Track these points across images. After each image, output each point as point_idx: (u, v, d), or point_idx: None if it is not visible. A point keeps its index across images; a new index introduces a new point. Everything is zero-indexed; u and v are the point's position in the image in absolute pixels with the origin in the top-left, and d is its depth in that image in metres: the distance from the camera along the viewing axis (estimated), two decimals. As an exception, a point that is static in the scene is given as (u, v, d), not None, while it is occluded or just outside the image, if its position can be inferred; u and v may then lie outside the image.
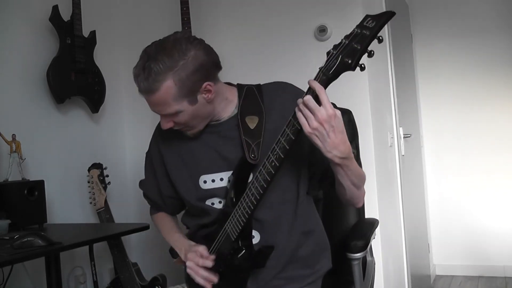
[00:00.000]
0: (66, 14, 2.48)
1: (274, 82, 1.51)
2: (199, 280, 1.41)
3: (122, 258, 2.48)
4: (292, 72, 2.65)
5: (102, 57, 2.74)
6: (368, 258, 1.81)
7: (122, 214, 2.89)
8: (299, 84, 2.69)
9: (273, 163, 1.23)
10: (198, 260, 1.41)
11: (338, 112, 1.17)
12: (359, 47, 1.06)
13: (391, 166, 2.98)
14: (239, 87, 1.49)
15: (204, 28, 2.80)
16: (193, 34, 2.74)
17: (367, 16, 1.10)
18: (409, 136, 3.36)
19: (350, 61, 1.08)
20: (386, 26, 3.15)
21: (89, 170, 2.53)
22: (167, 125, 1.38)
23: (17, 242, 1.57)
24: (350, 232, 1.69)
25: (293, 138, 1.20)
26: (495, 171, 3.91)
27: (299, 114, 1.17)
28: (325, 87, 1.15)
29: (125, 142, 3.05)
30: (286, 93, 1.45)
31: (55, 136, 2.54)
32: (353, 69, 1.09)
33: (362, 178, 1.37)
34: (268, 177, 1.25)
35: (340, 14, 2.58)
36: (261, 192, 1.28)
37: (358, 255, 1.58)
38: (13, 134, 2.14)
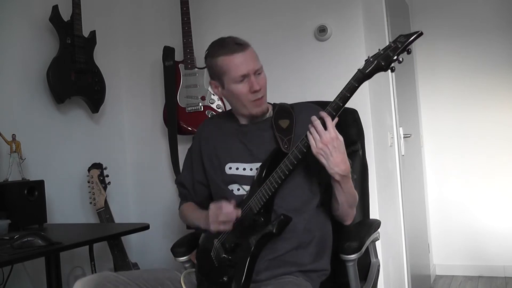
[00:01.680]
0: (66, 14, 2.48)
1: (303, 102, 1.81)
2: (222, 218, 1.51)
3: (122, 258, 2.48)
4: (292, 72, 2.66)
5: (102, 57, 2.74)
6: (372, 260, 1.80)
7: (122, 214, 2.89)
8: (299, 83, 2.70)
9: (306, 144, 1.46)
10: (219, 204, 1.54)
11: (340, 136, 1.45)
12: (391, 54, 1.37)
13: (391, 166, 2.98)
14: (273, 104, 1.75)
15: (204, 28, 2.81)
16: (193, 34, 2.77)
17: (400, 35, 1.39)
18: (409, 136, 3.36)
19: (383, 63, 1.38)
20: (386, 26, 3.17)
21: (89, 170, 2.53)
22: (257, 85, 1.58)
23: (17, 242, 1.58)
24: (346, 233, 1.69)
25: (305, 150, 1.47)
26: (495, 171, 3.91)
27: (309, 137, 1.45)
28: (360, 84, 1.40)
29: (125, 142, 3.05)
30: (313, 109, 1.64)
31: (55, 136, 2.54)
32: (385, 70, 1.39)
33: (355, 199, 1.61)
34: (299, 155, 1.46)
35: (340, 14, 2.58)
36: (291, 168, 1.47)
37: (352, 256, 1.56)
38: (13, 134, 2.14)
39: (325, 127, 1.43)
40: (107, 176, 2.55)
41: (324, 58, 2.62)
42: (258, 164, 1.60)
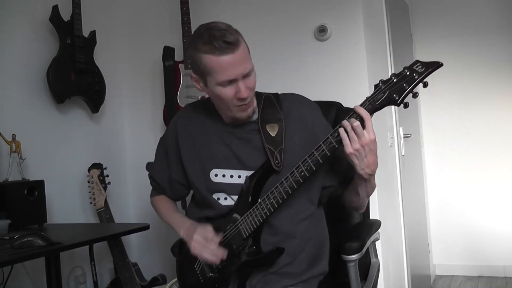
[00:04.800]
0: (66, 14, 2.48)
1: (291, 93, 1.61)
2: (207, 255, 1.45)
3: (122, 258, 2.48)
4: (292, 72, 2.66)
5: (102, 57, 2.74)
6: (372, 260, 1.80)
7: (122, 214, 2.89)
8: (298, 82, 2.69)
9: (302, 173, 1.36)
10: (208, 234, 1.46)
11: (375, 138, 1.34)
12: (407, 87, 1.24)
13: (391, 166, 2.98)
14: (257, 94, 1.54)
15: (204, 28, 2.80)
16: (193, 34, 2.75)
17: (417, 61, 1.25)
18: (409, 136, 3.36)
19: (397, 98, 1.26)
20: (386, 26, 3.16)
21: (89, 170, 2.53)
22: (245, 92, 1.39)
23: (17, 242, 1.58)
24: (347, 233, 1.69)
25: (328, 154, 1.34)
26: (495, 171, 3.91)
27: (343, 136, 1.32)
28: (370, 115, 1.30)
29: (125, 142, 3.05)
30: (303, 105, 1.56)
31: (55, 136, 2.54)
32: (398, 105, 1.27)
33: (374, 189, 1.55)
34: (295, 185, 1.37)
35: (340, 14, 2.58)
36: (285, 197, 1.38)
37: (353, 257, 1.56)
38: (13, 134, 2.14)
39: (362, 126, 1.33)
40: (107, 176, 2.55)
41: (324, 58, 2.61)
42: (247, 172, 1.48)
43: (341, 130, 1.33)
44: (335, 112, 1.87)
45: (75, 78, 2.51)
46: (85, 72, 2.56)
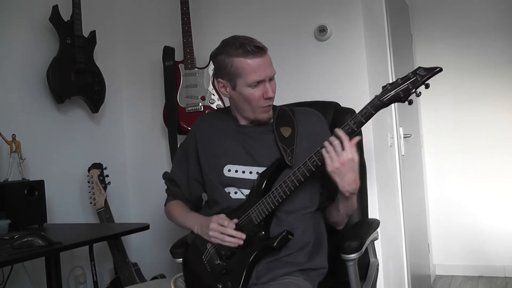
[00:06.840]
0: (66, 14, 2.48)
1: (304, 107, 1.78)
2: (228, 239, 1.53)
3: (122, 258, 2.49)
4: (292, 72, 2.66)
5: (102, 57, 2.75)
6: (371, 259, 1.81)
7: (122, 214, 2.89)
8: (298, 83, 2.69)
9: (314, 163, 1.47)
10: (224, 221, 1.54)
11: (356, 157, 1.47)
12: (411, 87, 1.40)
13: (391, 166, 2.98)
14: (273, 106, 1.70)
15: (204, 28, 2.81)
16: (193, 34, 2.77)
17: (419, 67, 1.43)
18: (409, 136, 3.36)
19: (402, 95, 1.41)
20: (386, 26, 3.16)
21: (89, 170, 2.53)
22: (271, 92, 1.59)
23: (17, 242, 1.58)
24: (346, 233, 1.69)
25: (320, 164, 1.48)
26: (495, 171, 3.91)
27: (325, 155, 1.46)
28: (377, 111, 1.44)
29: (125, 142, 3.05)
30: (314, 116, 1.72)
31: (55, 136, 2.54)
32: (403, 102, 1.42)
33: (354, 209, 1.68)
34: (307, 173, 1.48)
35: (340, 14, 2.58)
36: (297, 184, 1.49)
37: (353, 256, 1.58)
38: (13, 134, 2.14)
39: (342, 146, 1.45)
40: (107, 176, 2.55)
41: (324, 58, 2.61)
42: (259, 168, 1.60)
43: (323, 151, 1.46)
44: (333, 112, 1.87)
45: (75, 78, 2.51)
46: (85, 72, 2.56)
